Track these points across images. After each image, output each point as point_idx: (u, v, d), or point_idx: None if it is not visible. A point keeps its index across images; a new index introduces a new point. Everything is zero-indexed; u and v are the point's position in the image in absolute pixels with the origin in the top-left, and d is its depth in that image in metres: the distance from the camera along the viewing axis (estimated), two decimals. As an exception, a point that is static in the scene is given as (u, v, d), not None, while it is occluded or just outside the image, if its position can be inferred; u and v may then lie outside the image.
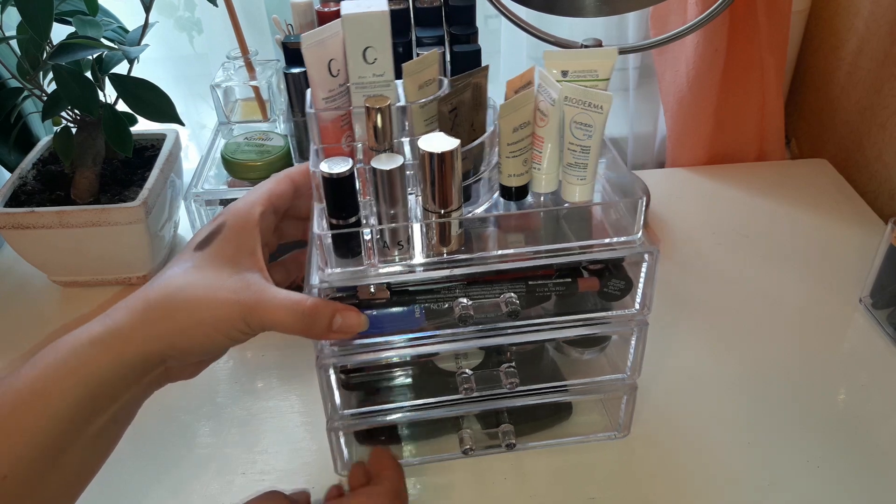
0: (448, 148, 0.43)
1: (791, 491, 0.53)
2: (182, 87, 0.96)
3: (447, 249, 0.47)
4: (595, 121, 0.47)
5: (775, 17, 0.81)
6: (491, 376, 0.53)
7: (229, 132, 0.73)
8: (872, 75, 0.82)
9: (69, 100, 0.63)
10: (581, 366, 0.57)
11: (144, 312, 0.41)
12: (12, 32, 0.63)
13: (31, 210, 0.68)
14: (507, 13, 0.71)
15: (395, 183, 0.45)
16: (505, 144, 0.48)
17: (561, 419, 0.58)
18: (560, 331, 0.51)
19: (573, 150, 0.48)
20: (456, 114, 0.49)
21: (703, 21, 0.68)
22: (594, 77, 0.49)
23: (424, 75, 0.50)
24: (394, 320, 0.49)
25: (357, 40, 0.49)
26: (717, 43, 0.82)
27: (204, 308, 0.41)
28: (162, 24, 0.91)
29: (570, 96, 0.47)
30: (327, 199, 0.45)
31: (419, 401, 0.53)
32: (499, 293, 0.49)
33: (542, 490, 0.54)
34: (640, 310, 0.51)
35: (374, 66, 0.50)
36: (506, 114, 0.47)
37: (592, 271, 0.51)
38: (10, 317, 0.73)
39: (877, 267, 0.66)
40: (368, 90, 0.51)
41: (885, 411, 0.59)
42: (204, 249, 0.44)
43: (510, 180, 0.50)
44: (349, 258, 0.47)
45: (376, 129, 0.46)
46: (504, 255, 0.47)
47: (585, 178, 0.49)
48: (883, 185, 0.82)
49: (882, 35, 0.80)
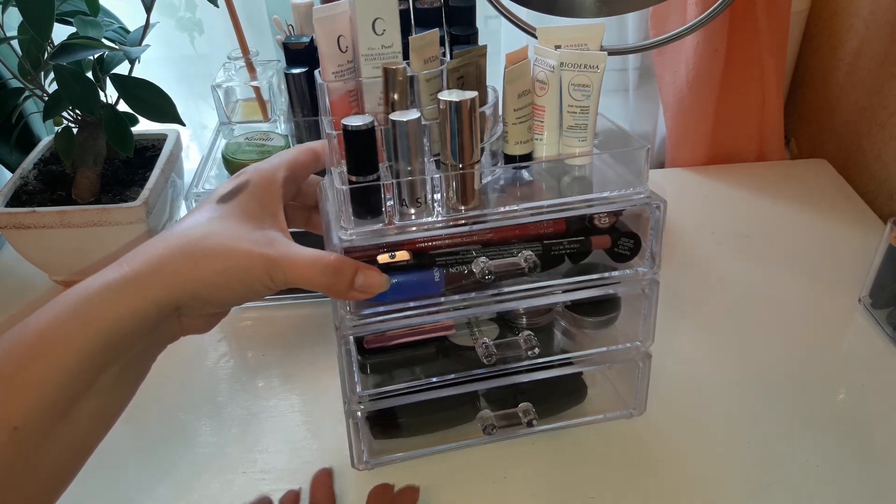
0: (467, 97, 0.44)
1: (791, 491, 0.53)
2: (183, 87, 0.97)
3: (467, 206, 0.47)
4: (592, 80, 0.49)
5: (775, 18, 0.81)
6: (511, 343, 0.53)
7: (230, 132, 0.73)
8: (872, 75, 0.82)
9: (70, 100, 0.63)
10: (593, 340, 0.57)
11: (164, 258, 0.39)
12: (13, 33, 0.63)
13: (33, 210, 0.68)
14: (507, 14, 0.71)
15: (412, 136, 0.45)
16: (511, 110, 0.50)
17: (577, 400, 0.59)
18: (575, 292, 0.52)
19: (573, 111, 0.50)
20: (463, 82, 0.50)
21: (702, 21, 0.68)
22: (585, 49, 0.51)
23: (427, 51, 0.51)
24: (414, 286, 0.49)
25: (366, 12, 0.50)
26: (716, 43, 0.82)
27: (228, 257, 0.40)
28: (163, 24, 0.91)
29: (565, 61, 0.49)
30: (348, 155, 0.45)
31: (439, 377, 0.53)
32: (516, 252, 0.50)
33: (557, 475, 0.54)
34: (650, 267, 0.52)
35: (382, 37, 0.51)
36: (512, 79, 0.48)
37: (602, 230, 0.52)
38: (11, 317, 0.73)
39: (876, 267, 0.66)
40: (378, 62, 0.51)
41: (885, 411, 0.59)
42: (228, 202, 0.43)
43: (516, 148, 0.51)
44: (368, 217, 0.46)
45: (394, 92, 0.47)
46: (524, 208, 0.48)
47: (586, 140, 0.51)
48: (882, 185, 0.82)
49: (882, 35, 0.80)
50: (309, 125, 0.69)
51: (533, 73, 0.50)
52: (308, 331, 0.69)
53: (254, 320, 0.71)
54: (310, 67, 0.66)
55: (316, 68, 0.66)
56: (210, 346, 0.68)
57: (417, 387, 0.53)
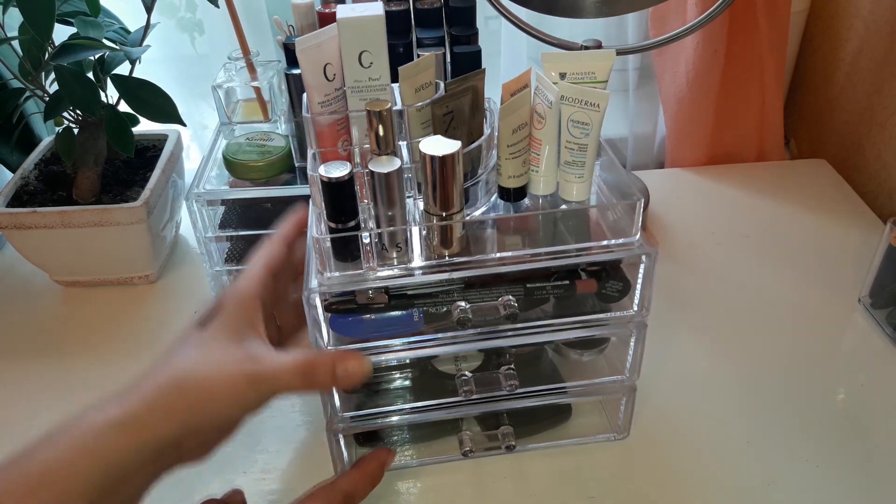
0: (449, 151, 0.43)
1: (790, 491, 0.53)
2: (183, 87, 0.97)
3: (449, 252, 0.47)
4: (592, 119, 0.47)
5: (775, 18, 0.81)
6: (491, 378, 0.53)
7: (231, 133, 0.73)
8: (872, 75, 0.82)
9: (71, 100, 0.63)
10: (580, 367, 0.57)
11: (157, 396, 0.42)
12: (14, 33, 0.63)
13: (33, 210, 0.68)
14: (508, 14, 0.71)
15: (392, 186, 0.45)
16: (504, 146, 0.49)
17: (560, 421, 0.58)
18: (559, 333, 0.51)
19: (571, 148, 0.49)
20: (452, 117, 0.49)
21: (702, 21, 0.68)
22: (592, 79, 0.50)
23: (421, 78, 0.50)
24: (392, 324, 0.49)
25: (352, 44, 0.49)
26: (716, 43, 0.82)
27: (214, 384, 0.42)
28: (163, 24, 0.91)
29: (566, 95, 0.48)
30: (326, 203, 0.45)
31: (419, 403, 0.53)
32: (497, 296, 0.49)
33: (540, 491, 0.54)
34: (639, 311, 0.51)
35: (370, 69, 0.50)
36: (505, 115, 0.47)
37: (590, 273, 0.51)
38: (12, 317, 0.73)
39: (876, 267, 0.66)
40: (365, 94, 0.51)
41: (885, 411, 0.59)
42: (206, 327, 0.45)
43: (509, 181, 0.51)
44: (348, 262, 0.47)
45: (377, 132, 0.46)
46: (502, 257, 0.47)
47: (583, 176, 0.50)
48: (882, 186, 0.82)
49: (882, 35, 0.80)
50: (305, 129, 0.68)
51: (532, 103, 0.49)
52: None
53: (254, 320, 0.71)
54: (310, 68, 0.66)
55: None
56: (210, 346, 0.68)
57: (398, 410, 0.53)
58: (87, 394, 0.63)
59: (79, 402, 0.62)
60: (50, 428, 0.41)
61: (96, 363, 0.67)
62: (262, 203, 0.69)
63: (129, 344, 0.69)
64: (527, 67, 0.51)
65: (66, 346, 0.69)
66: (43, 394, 0.64)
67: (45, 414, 0.62)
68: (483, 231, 0.50)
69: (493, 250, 0.48)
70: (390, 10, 0.68)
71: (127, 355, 0.67)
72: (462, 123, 0.50)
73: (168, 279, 0.77)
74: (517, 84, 0.49)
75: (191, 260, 0.79)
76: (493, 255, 0.48)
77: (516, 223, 0.52)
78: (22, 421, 0.61)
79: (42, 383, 0.65)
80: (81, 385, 0.65)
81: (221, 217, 0.71)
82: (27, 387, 0.65)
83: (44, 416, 0.62)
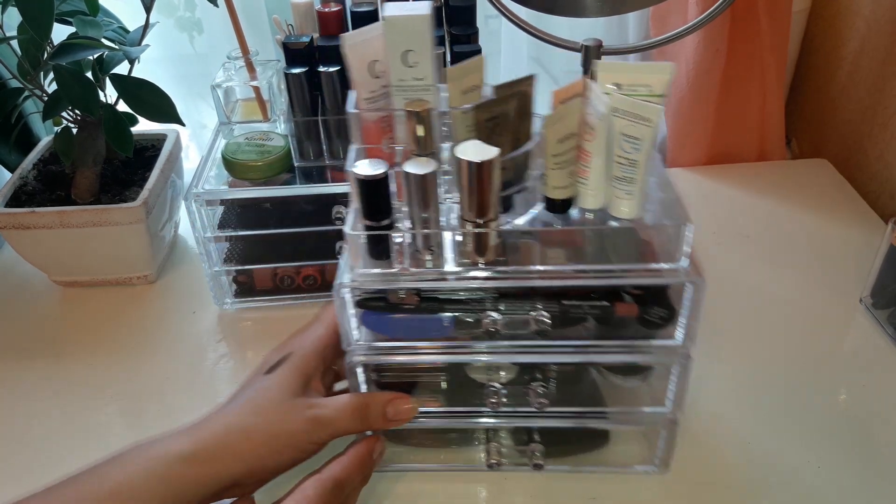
0: (486, 158, 0.42)
1: (791, 491, 0.53)
2: (182, 87, 0.96)
3: (484, 260, 0.46)
4: (643, 134, 0.45)
5: (776, 17, 0.81)
6: (520, 393, 0.51)
7: (230, 132, 0.73)
8: (873, 75, 0.82)
9: (70, 100, 0.63)
10: (621, 393, 0.53)
11: (226, 435, 0.46)
12: (13, 32, 0.63)
13: (32, 210, 0.68)
14: (508, 13, 0.71)
15: (427, 188, 0.44)
16: (550, 156, 0.47)
17: (596, 446, 0.55)
18: (594, 355, 0.48)
19: (621, 163, 0.46)
20: (496, 122, 0.47)
21: (703, 21, 0.68)
22: (648, 91, 0.47)
23: (468, 81, 0.49)
24: (422, 326, 0.49)
25: (397, 42, 0.48)
26: (717, 43, 0.82)
27: (278, 429, 0.46)
28: (162, 24, 0.91)
29: (618, 107, 0.45)
30: (360, 200, 0.45)
31: (446, 408, 0.52)
32: (530, 310, 0.47)
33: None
34: (684, 342, 0.47)
35: (414, 69, 0.49)
36: (551, 124, 0.45)
37: (634, 295, 0.47)
38: (11, 317, 0.73)
39: (877, 267, 0.66)
40: (409, 93, 0.50)
41: (886, 411, 0.59)
42: (272, 373, 0.49)
43: (555, 192, 0.49)
44: (381, 260, 0.47)
45: (416, 133, 0.46)
46: (538, 271, 0.46)
47: (632, 193, 0.47)
48: (884, 186, 0.82)
49: (883, 35, 0.80)
50: (308, 125, 0.68)
51: (583, 113, 0.46)
52: (308, 331, 0.69)
53: (254, 320, 0.71)
54: (309, 67, 0.66)
55: (315, 68, 0.66)
56: (210, 346, 0.68)
57: (425, 413, 0.52)
58: (87, 394, 0.64)
59: (78, 402, 0.63)
60: (117, 452, 0.44)
61: (95, 363, 0.67)
62: (261, 203, 0.69)
63: (127, 344, 0.69)
64: (527, 67, 0.50)
65: (64, 346, 0.69)
66: (42, 394, 0.64)
67: (45, 414, 0.62)
68: (521, 241, 0.48)
69: (531, 261, 0.46)
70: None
71: (126, 355, 0.67)
72: (507, 129, 0.48)
73: (167, 279, 0.77)
74: (568, 92, 0.47)
75: (190, 260, 0.79)
76: (527, 267, 0.46)
77: (555, 236, 0.50)
78: (21, 421, 0.61)
79: (41, 383, 0.65)
80: (80, 385, 0.64)
81: (220, 217, 0.71)
82: (26, 387, 0.65)
83: (43, 416, 0.62)
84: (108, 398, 0.63)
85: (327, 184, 0.68)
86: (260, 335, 0.69)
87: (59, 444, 0.59)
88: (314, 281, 0.72)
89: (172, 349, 0.68)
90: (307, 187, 0.67)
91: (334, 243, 0.69)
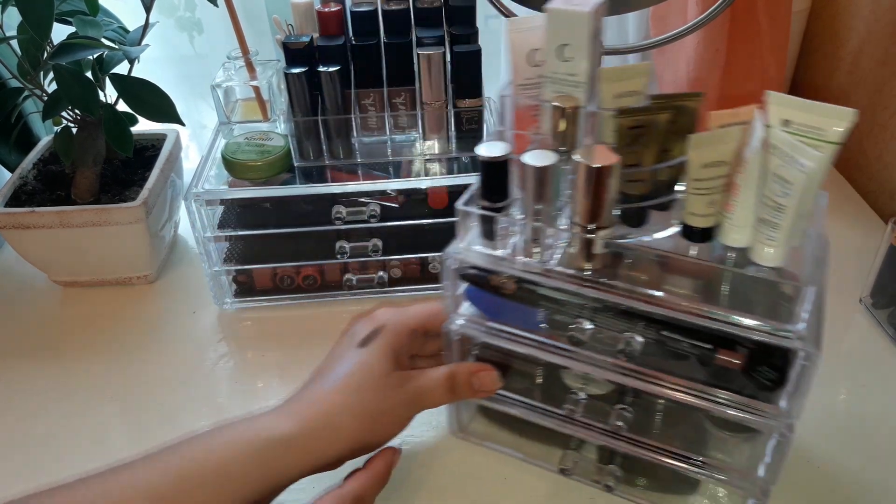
0: (603, 164, 0.41)
1: (791, 491, 0.53)
2: (182, 87, 0.97)
3: (589, 266, 0.45)
4: (796, 179, 0.40)
5: (776, 17, 0.81)
6: (601, 409, 0.50)
7: (230, 132, 0.73)
8: (873, 75, 0.82)
9: (70, 100, 0.63)
10: (721, 444, 0.50)
11: (331, 416, 0.46)
12: (13, 32, 0.63)
13: (32, 210, 0.68)
14: (508, 14, 0.71)
15: (543, 181, 0.44)
16: (691, 179, 0.44)
17: (681, 491, 0.52)
18: (682, 394, 0.45)
19: (767, 204, 0.42)
20: (642, 132, 0.46)
21: (703, 21, 0.68)
22: (818, 136, 0.41)
23: (626, 85, 0.48)
24: (516, 314, 0.49)
25: (555, 35, 0.49)
26: (717, 43, 0.82)
27: (381, 403, 0.47)
28: (162, 24, 0.91)
29: (775, 145, 0.41)
30: (481, 180, 0.46)
31: (531, 400, 0.52)
32: (625, 330, 0.45)
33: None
34: (786, 413, 0.43)
35: (568, 64, 0.49)
36: (699, 145, 0.43)
37: (747, 347, 0.44)
38: (11, 317, 0.73)
39: (877, 267, 0.66)
40: (559, 87, 0.50)
41: (886, 411, 0.59)
42: (366, 346, 0.49)
43: (691, 218, 0.45)
44: (490, 240, 0.48)
45: (558, 127, 0.46)
46: (641, 293, 0.43)
47: (775, 240, 0.43)
48: (883, 186, 0.82)
49: (882, 35, 0.80)
50: (308, 125, 0.68)
51: (742, 144, 0.43)
52: (308, 331, 0.69)
53: (254, 320, 0.71)
54: (309, 67, 0.66)
55: (315, 68, 0.66)
56: (210, 346, 0.68)
57: (510, 398, 0.53)
58: (87, 394, 0.64)
59: (77, 401, 0.63)
60: (216, 427, 0.45)
61: (95, 363, 0.67)
62: (260, 203, 0.69)
63: (127, 344, 0.69)
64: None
65: (64, 346, 0.69)
66: (42, 394, 0.64)
67: (45, 414, 0.62)
68: (640, 258, 0.46)
69: (640, 282, 0.44)
70: (389, 10, 0.68)
71: (126, 355, 0.67)
72: (653, 141, 0.46)
73: (167, 279, 0.77)
74: (732, 117, 0.44)
75: (189, 260, 0.79)
76: (632, 287, 0.44)
77: (673, 263, 0.47)
78: (21, 421, 0.61)
79: (41, 383, 0.65)
80: (80, 385, 0.64)
81: (220, 217, 0.71)
82: (26, 387, 0.64)
83: (43, 416, 0.62)
84: (107, 398, 0.63)
85: (327, 184, 0.68)
86: (260, 335, 0.69)
87: (59, 444, 0.59)
88: (314, 281, 0.72)
89: (172, 349, 0.68)
90: (307, 187, 0.67)
91: (334, 243, 0.69)
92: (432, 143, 0.71)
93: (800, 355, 0.41)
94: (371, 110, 0.70)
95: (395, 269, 0.72)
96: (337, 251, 0.69)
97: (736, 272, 0.44)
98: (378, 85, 0.69)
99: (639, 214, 0.49)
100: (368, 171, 0.70)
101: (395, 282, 0.72)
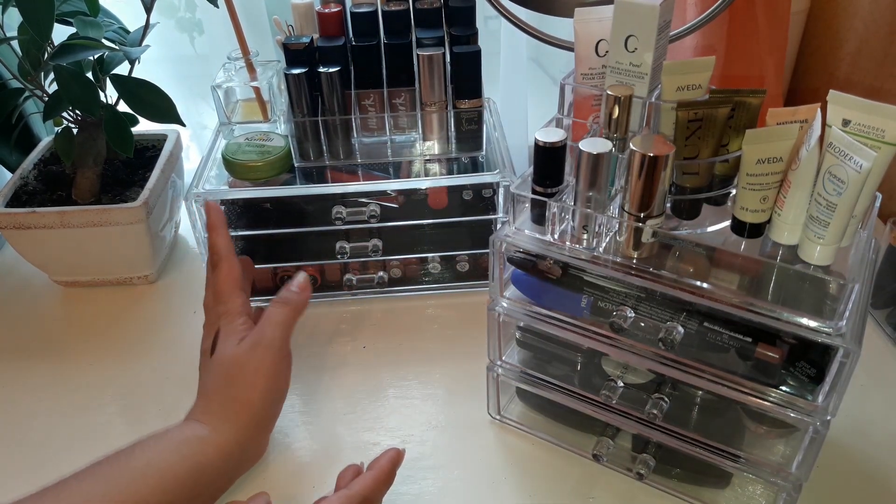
0: (658, 153, 0.42)
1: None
2: (183, 87, 0.97)
3: (637, 255, 0.46)
4: (849, 178, 0.40)
5: (775, 18, 0.81)
6: (636, 398, 0.50)
7: (230, 133, 0.73)
8: (871, 76, 0.82)
9: (70, 100, 0.63)
10: (758, 440, 0.50)
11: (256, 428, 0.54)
12: (13, 33, 0.63)
13: (33, 210, 0.68)
14: (507, 14, 0.71)
15: (597, 169, 0.45)
16: (745, 174, 0.44)
17: (713, 485, 0.52)
18: (720, 386, 0.46)
19: (819, 202, 0.42)
20: (700, 125, 0.46)
21: (702, 21, 0.68)
22: (878, 137, 0.41)
23: (689, 79, 0.49)
24: (560, 300, 0.50)
25: (622, 26, 0.50)
26: (716, 43, 0.82)
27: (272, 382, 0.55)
28: (163, 24, 0.91)
29: (832, 142, 0.41)
30: (535, 164, 0.47)
31: (568, 385, 0.53)
32: (667, 319, 0.46)
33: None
34: (823, 409, 0.43)
35: (633, 55, 0.51)
36: (753, 141, 0.43)
37: (787, 342, 0.44)
38: (12, 317, 0.73)
39: (876, 267, 0.66)
40: (623, 77, 0.52)
41: (885, 411, 0.59)
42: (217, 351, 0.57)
43: (742, 214, 0.46)
44: (539, 225, 0.48)
45: (611, 116, 0.47)
46: (686, 284, 0.44)
47: (824, 239, 0.43)
48: (882, 186, 0.82)
49: (881, 36, 0.80)
50: (308, 126, 0.69)
51: (800, 142, 0.43)
52: (308, 331, 0.69)
53: (254, 320, 0.71)
54: (309, 68, 0.66)
55: (315, 68, 0.66)
56: (210, 346, 0.68)
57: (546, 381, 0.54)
58: (87, 394, 0.64)
59: (78, 402, 0.63)
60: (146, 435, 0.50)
61: (96, 363, 0.67)
62: (261, 203, 0.69)
63: (128, 344, 0.69)
64: (526, 68, 0.51)
65: (65, 346, 0.69)
66: (42, 393, 0.64)
67: (45, 414, 0.62)
68: (689, 250, 0.47)
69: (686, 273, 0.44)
70: (389, 11, 0.68)
71: (126, 355, 0.67)
72: (711, 135, 0.47)
73: (167, 279, 0.77)
74: (790, 115, 0.44)
75: (190, 260, 0.79)
76: (676, 277, 0.44)
77: (721, 256, 0.47)
78: (22, 421, 0.61)
79: (41, 383, 0.65)
80: (81, 385, 0.64)
81: (221, 217, 0.71)
82: (26, 387, 0.65)
83: (43, 416, 0.62)
84: (108, 398, 0.63)
85: (327, 184, 0.68)
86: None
87: (59, 444, 0.59)
88: (314, 281, 0.72)
89: (172, 349, 0.68)
90: (307, 187, 0.67)
91: (334, 243, 0.69)
92: (432, 143, 0.71)
93: (839, 353, 0.41)
94: (371, 111, 0.70)
95: (395, 269, 0.72)
96: (337, 251, 0.69)
97: (781, 267, 0.44)
98: (378, 86, 0.70)
99: (691, 207, 0.49)
100: (368, 171, 0.71)
101: (395, 282, 0.72)
